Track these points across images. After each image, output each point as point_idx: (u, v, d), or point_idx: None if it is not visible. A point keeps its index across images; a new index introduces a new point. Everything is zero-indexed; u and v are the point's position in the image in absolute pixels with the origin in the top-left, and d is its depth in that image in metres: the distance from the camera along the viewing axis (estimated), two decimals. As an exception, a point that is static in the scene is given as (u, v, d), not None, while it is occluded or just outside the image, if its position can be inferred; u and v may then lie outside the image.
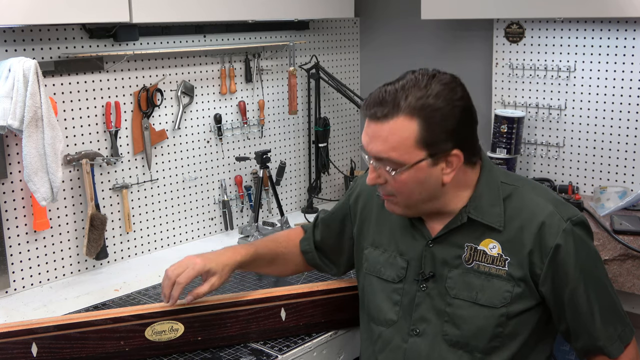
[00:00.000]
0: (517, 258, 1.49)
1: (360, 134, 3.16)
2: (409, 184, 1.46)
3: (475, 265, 1.51)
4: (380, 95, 1.44)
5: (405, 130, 1.41)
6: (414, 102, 1.41)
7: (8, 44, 2.02)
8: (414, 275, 1.58)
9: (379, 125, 1.44)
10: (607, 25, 2.41)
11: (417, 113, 1.41)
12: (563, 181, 2.59)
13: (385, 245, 1.65)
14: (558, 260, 1.46)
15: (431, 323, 1.54)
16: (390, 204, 1.55)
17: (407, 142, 1.42)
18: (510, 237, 1.50)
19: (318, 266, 1.86)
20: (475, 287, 1.51)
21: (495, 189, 1.53)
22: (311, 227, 1.87)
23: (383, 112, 1.42)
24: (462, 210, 1.53)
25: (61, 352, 1.61)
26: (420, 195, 1.49)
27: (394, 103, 1.42)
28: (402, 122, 1.41)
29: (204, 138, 2.57)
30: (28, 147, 1.94)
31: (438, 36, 2.87)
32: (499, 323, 1.49)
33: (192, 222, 2.58)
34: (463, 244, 1.53)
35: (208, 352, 1.70)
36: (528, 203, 1.51)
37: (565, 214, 1.49)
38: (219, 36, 2.58)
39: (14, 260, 2.10)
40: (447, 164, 1.46)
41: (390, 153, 1.43)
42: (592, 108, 2.49)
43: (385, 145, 1.43)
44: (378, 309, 1.63)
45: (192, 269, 1.63)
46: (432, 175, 1.46)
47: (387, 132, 1.43)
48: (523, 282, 1.48)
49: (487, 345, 1.50)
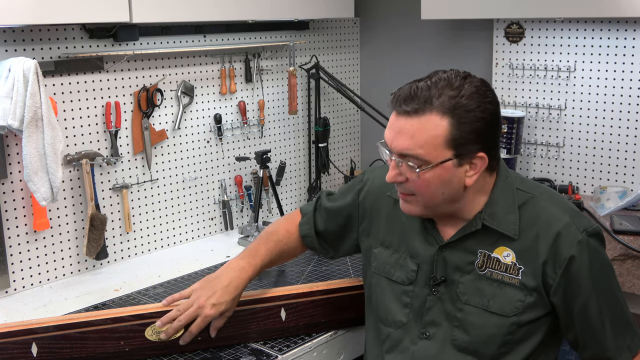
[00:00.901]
0: (531, 268, 1.47)
1: (360, 134, 3.19)
2: (432, 183, 1.43)
3: (488, 272, 1.50)
4: (412, 90, 1.42)
5: (435, 128, 1.39)
6: (447, 101, 1.39)
7: (8, 44, 2.02)
8: (425, 279, 1.56)
9: (408, 120, 1.41)
10: (607, 25, 2.42)
11: (449, 112, 1.39)
12: (563, 181, 2.59)
13: (395, 245, 1.64)
14: (571, 271, 1.45)
15: (441, 327, 1.53)
16: (408, 204, 1.51)
17: (436, 141, 1.40)
18: (525, 246, 1.48)
19: (315, 249, 1.85)
20: (487, 294, 1.49)
21: (510, 196, 1.51)
22: (312, 212, 1.83)
23: (414, 107, 1.40)
24: (476, 216, 1.51)
25: (61, 352, 1.61)
26: (442, 196, 1.46)
27: (427, 99, 1.40)
28: (433, 119, 1.39)
29: (204, 138, 2.57)
30: (28, 147, 1.94)
31: (438, 36, 2.87)
32: (510, 331, 1.48)
33: (192, 222, 2.58)
34: (476, 250, 1.51)
35: (208, 352, 1.70)
36: (544, 212, 1.49)
37: (581, 225, 1.47)
38: (219, 36, 2.58)
39: (14, 260, 2.10)
40: (471, 167, 1.44)
41: (417, 150, 1.41)
42: (592, 108, 2.50)
43: (413, 141, 1.41)
44: (387, 310, 1.62)
45: (203, 321, 1.64)
46: (456, 176, 1.44)
47: (416, 129, 1.40)
48: (536, 292, 1.47)
49: (495, 351, 1.49)
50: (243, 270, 1.70)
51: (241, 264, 1.71)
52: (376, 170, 1.78)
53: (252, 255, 1.75)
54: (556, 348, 1.58)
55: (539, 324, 1.49)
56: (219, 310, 1.64)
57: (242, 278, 1.68)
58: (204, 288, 1.67)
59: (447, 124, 1.39)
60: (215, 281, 1.68)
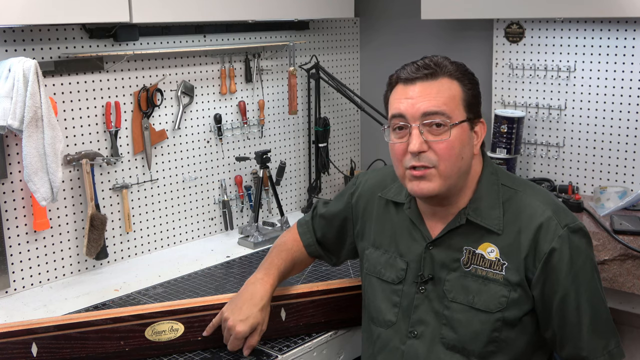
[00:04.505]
0: (515, 263, 1.48)
1: (360, 134, 3.19)
2: (455, 144, 1.46)
3: (473, 269, 1.51)
4: (419, 62, 1.50)
5: (451, 89, 1.48)
6: (452, 68, 1.50)
7: (8, 44, 2.03)
8: (413, 277, 1.57)
9: (426, 83, 1.47)
10: (607, 25, 2.41)
11: (457, 77, 1.49)
12: (563, 181, 2.59)
13: (386, 246, 1.65)
14: (551, 265, 1.45)
15: (429, 326, 1.54)
16: (425, 182, 1.47)
17: (455, 100, 1.47)
18: (508, 242, 1.49)
19: (320, 257, 1.87)
20: (472, 291, 1.50)
21: (495, 192, 1.53)
22: (310, 221, 1.86)
23: (430, 72, 1.47)
24: (461, 211, 1.53)
25: (61, 352, 1.61)
26: (461, 161, 1.47)
27: (437, 65, 1.48)
28: (447, 82, 1.48)
29: (204, 138, 2.57)
30: (28, 147, 1.94)
31: (438, 36, 2.87)
32: (495, 328, 1.48)
33: (192, 222, 2.58)
34: (462, 247, 1.52)
35: (208, 352, 1.70)
36: (527, 207, 1.50)
37: (563, 220, 1.47)
38: (219, 36, 2.58)
39: (14, 260, 2.10)
40: (475, 134, 1.51)
41: (443, 107, 1.46)
42: (592, 108, 2.49)
43: (437, 100, 1.46)
44: (378, 309, 1.63)
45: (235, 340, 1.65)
46: (470, 140, 1.50)
47: (437, 89, 1.47)
48: (519, 287, 1.47)
49: (483, 349, 1.49)
50: (263, 281, 1.71)
51: (259, 277, 1.72)
52: (368, 173, 1.80)
53: (268, 267, 1.76)
54: (548, 350, 1.57)
55: (525, 322, 1.49)
56: (249, 324, 1.64)
57: (264, 288, 1.69)
58: (230, 309, 1.67)
59: (457, 86, 1.49)
60: (238, 299, 1.69)
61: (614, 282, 2.03)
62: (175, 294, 2.06)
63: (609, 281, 2.03)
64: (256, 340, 1.66)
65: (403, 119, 1.48)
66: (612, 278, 2.03)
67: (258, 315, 1.65)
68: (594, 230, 2.10)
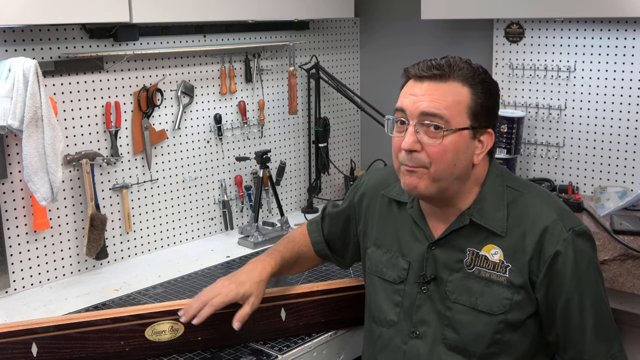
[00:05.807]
0: (518, 265, 1.47)
1: (360, 134, 3.19)
2: (448, 150, 1.44)
3: (476, 270, 1.50)
4: (433, 62, 1.48)
5: (458, 94, 1.45)
6: (467, 73, 1.47)
7: (8, 44, 2.03)
8: (415, 277, 1.57)
9: (434, 84, 1.46)
10: (607, 25, 2.41)
11: (469, 83, 1.46)
12: (563, 181, 2.59)
13: (388, 245, 1.65)
14: (555, 268, 1.44)
15: (431, 326, 1.54)
16: (414, 177, 1.47)
17: (459, 106, 1.45)
18: (512, 244, 1.48)
19: (327, 257, 1.87)
20: (474, 292, 1.50)
21: (500, 193, 1.52)
22: (319, 220, 1.87)
23: (440, 73, 1.46)
24: (464, 212, 1.52)
25: (61, 352, 1.61)
26: (453, 167, 1.46)
27: (450, 67, 1.46)
28: (456, 86, 1.45)
29: (204, 138, 2.57)
30: (28, 147, 1.94)
31: (438, 36, 2.87)
32: (498, 330, 1.48)
33: (192, 222, 2.58)
34: (465, 248, 1.52)
35: (208, 352, 1.70)
36: (531, 210, 1.49)
37: (568, 223, 1.47)
38: (219, 36, 2.58)
39: (14, 260, 2.10)
40: (480, 143, 1.48)
41: (443, 110, 1.44)
42: (592, 108, 2.49)
43: (439, 102, 1.44)
44: (379, 309, 1.62)
45: (225, 296, 1.64)
46: (469, 148, 1.47)
47: (442, 91, 1.45)
48: (523, 290, 1.47)
49: (485, 351, 1.49)
50: (264, 262, 1.73)
51: (261, 258, 1.75)
52: (372, 172, 1.80)
53: (271, 252, 1.79)
54: (550, 352, 1.57)
55: (528, 325, 1.49)
56: (241, 291, 1.64)
57: (264, 267, 1.71)
58: (227, 278, 1.69)
59: (467, 92, 1.46)
60: (236, 272, 1.71)
61: (614, 282, 2.03)
62: (175, 294, 2.06)
63: (609, 281, 2.03)
64: (247, 312, 1.64)
65: (404, 114, 1.48)
66: (612, 278, 2.03)
67: (253, 286, 1.66)
68: (594, 230, 2.10)
